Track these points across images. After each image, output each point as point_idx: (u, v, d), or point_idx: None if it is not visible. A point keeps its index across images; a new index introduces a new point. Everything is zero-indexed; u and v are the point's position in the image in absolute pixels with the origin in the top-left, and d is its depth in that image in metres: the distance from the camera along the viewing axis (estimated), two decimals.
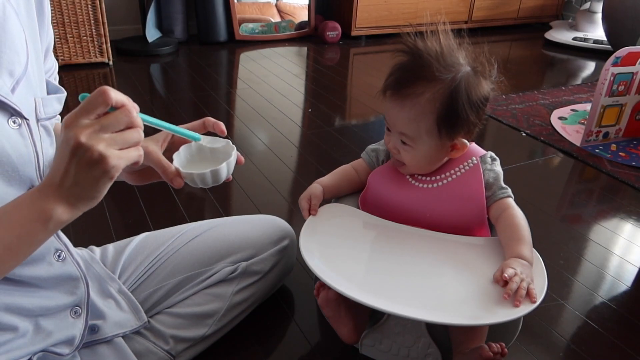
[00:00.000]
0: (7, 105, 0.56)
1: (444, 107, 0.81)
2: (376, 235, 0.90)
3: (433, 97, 0.81)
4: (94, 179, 0.51)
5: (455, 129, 0.84)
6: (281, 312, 1.04)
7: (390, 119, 0.87)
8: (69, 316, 0.71)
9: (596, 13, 3.25)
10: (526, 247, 0.82)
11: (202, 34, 2.97)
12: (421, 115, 0.82)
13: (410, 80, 0.83)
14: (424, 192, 0.90)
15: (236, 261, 0.92)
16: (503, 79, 0.87)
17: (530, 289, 0.75)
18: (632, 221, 1.43)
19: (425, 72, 0.82)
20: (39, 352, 0.67)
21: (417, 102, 0.82)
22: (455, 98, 0.81)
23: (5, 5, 0.57)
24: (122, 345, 0.78)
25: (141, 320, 0.82)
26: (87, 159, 0.50)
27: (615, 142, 1.89)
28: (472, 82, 0.83)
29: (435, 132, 0.83)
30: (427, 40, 0.84)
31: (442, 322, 0.72)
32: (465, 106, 0.82)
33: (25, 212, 0.52)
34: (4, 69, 0.56)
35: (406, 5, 3.24)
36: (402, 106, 0.83)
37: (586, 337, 1.02)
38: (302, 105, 2.21)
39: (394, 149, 0.88)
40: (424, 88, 0.81)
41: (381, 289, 0.77)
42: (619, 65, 1.72)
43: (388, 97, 0.86)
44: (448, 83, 0.81)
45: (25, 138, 0.59)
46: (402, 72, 0.85)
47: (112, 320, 0.78)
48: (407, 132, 0.85)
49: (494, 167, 0.90)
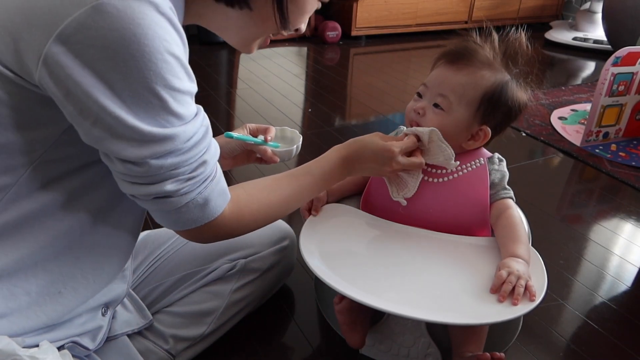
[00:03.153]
0: None
1: (494, 89, 0.86)
2: (376, 235, 0.90)
3: (489, 77, 0.86)
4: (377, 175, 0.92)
5: (492, 114, 0.87)
6: (281, 312, 1.04)
7: (436, 80, 0.88)
8: (100, 312, 0.73)
9: (596, 13, 3.25)
10: (522, 247, 0.82)
11: (202, 34, 2.97)
12: (472, 84, 0.85)
13: (471, 55, 0.87)
14: (430, 185, 0.89)
15: (235, 259, 0.93)
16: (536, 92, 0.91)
17: (528, 286, 0.74)
18: (632, 221, 1.43)
19: (486, 58, 0.87)
20: (71, 340, 0.68)
21: (474, 73, 0.86)
22: (506, 88, 0.87)
23: None
24: (127, 344, 0.79)
25: (146, 319, 0.83)
26: (386, 168, 0.82)
27: (615, 142, 1.89)
28: (519, 91, 0.89)
29: (474, 106, 0.86)
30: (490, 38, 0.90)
31: (442, 321, 0.72)
32: (510, 100, 0.87)
33: (336, 177, 0.82)
34: None
35: (406, 5, 3.24)
36: (457, 70, 0.86)
37: (586, 337, 1.02)
38: (302, 105, 2.21)
39: (420, 110, 0.88)
40: (483, 65, 0.86)
41: (381, 289, 0.77)
42: (619, 65, 1.72)
43: (440, 66, 0.89)
44: (503, 76, 0.87)
45: None
46: (464, 49, 0.88)
47: (121, 319, 0.79)
48: (450, 94, 0.86)
49: (501, 168, 0.92)
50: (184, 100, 0.56)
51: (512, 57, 0.88)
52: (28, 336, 0.60)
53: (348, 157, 0.81)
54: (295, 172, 0.78)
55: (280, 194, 0.75)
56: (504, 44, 0.89)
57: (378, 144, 0.81)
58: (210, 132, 0.62)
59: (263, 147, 0.87)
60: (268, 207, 0.74)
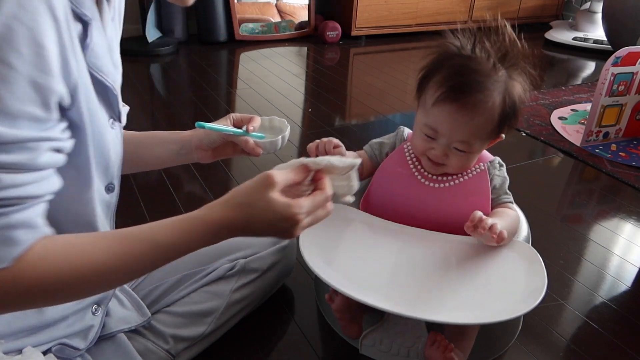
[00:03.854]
0: (115, 104, 0.63)
1: (503, 106, 0.82)
2: (376, 234, 0.90)
3: (498, 99, 0.81)
4: None
5: (508, 125, 0.85)
6: (281, 312, 1.04)
7: (450, 130, 0.82)
8: (90, 311, 0.72)
9: (596, 13, 3.25)
10: (503, 222, 0.81)
11: (202, 34, 2.97)
12: (490, 119, 0.81)
13: (473, 87, 0.79)
14: (432, 190, 0.89)
15: (235, 259, 0.93)
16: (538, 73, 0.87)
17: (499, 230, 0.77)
18: (632, 221, 1.43)
19: (486, 73, 0.80)
20: (58, 343, 0.67)
21: (487, 109, 0.80)
22: (513, 92, 0.82)
23: (115, 19, 0.64)
24: (125, 342, 0.78)
25: (145, 316, 0.82)
26: (287, 236, 0.61)
27: (615, 142, 1.89)
28: (519, 78, 0.84)
29: (496, 130, 0.84)
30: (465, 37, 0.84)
31: (442, 321, 0.72)
32: (517, 102, 0.83)
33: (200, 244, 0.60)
34: (118, 69, 0.64)
35: (406, 5, 3.24)
36: (471, 116, 0.80)
37: (586, 337, 1.02)
38: (302, 105, 2.21)
39: (443, 156, 0.85)
40: (490, 92, 0.80)
41: (381, 289, 0.77)
42: (619, 65, 1.72)
43: (446, 108, 0.80)
44: (505, 79, 0.82)
45: (118, 139, 0.67)
46: (461, 78, 0.80)
47: (116, 316, 0.78)
48: (470, 139, 0.82)
49: (502, 173, 0.92)
50: None
51: (504, 55, 0.83)
52: (9, 340, 0.59)
53: (233, 224, 0.59)
54: (131, 233, 0.57)
55: (92, 259, 0.53)
56: (495, 45, 0.83)
57: (277, 210, 0.58)
58: None
59: (244, 138, 0.81)
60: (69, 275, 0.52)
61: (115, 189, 0.68)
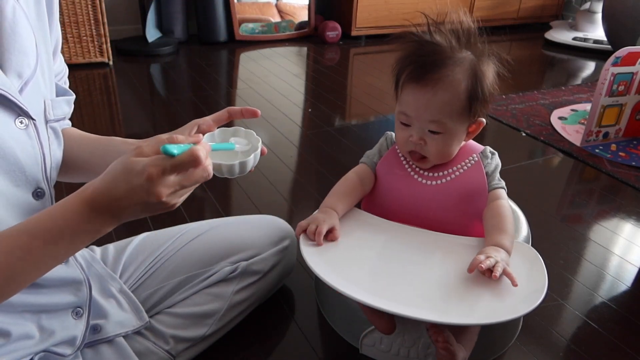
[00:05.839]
0: (14, 105, 0.57)
1: (472, 82, 0.82)
2: (377, 235, 0.90)
3: (463, 76, 0.82)
4: (154, 213, 0.57)
5: (481, 105, 0.85)
6: (281, 312, 1.04)
7: (417, 110, 0.83)
8: (70, 316, 0.71)
9: (596, 13, 3.25)
10: (506, 237, 0.81)
11: (202, 34, 2.97)
12: (456, 95, 0.82)
13: (435, 64, 0.81)
14: (428, 188, 0.89)
15: (236, 261, 0.93)
16: (505, 71, 0.88)
17: (507, 272, 0.75)
18: (632, 221, 1.43)
19: (447, 53, 0.82)
20: (41, 352, 0.67)
21: (450, 84, 0.81)
22: (480, 72, 0.83)
23: (15, 7, 0.58)
24: (123, 345, 0.78)
25: (142, 320, 0.82)
26: (159, 209, 0.55)
27: (615, 142, 1.89)
28: (488, 60, 0.85)
29: (467, 110, 0.84)
30: (434, 30, 0.85)
31: (442, 322, 0.72)
32: (487, 81, 0.84)
33: (79, 229, 0.54)
34: (13, 70, 0.57)
35: (406, 5, 3.24)
36: (434, 92, 0.81)
37: (586, 337, 1.02)
38: (302, 105, 2.21)
39: (419, 142, 0.85)
40: (452, 68, 0.81)
41: (382, 289, 0.77)
42: (619, 65, 1.72)
43: (411, 88, 0.83)
44: (470, 59, 0.83)
45: (32, 139, 0.60)
46: (422, 57, 0.83)
47: (114, 320, 0.78)
48: (441, 117, 0.83)
49: (494, 160, 0.92)
50: None
51: (467, 36, 0.85)
52: None
53: (96, 199, 0.54)
54: (7, 230, 0.53)
55: None
56: (451, 26, 0.85)
57: (132, 167, 0.53)
58: None
59: None
60: None
61: (46, 193, 0.62)
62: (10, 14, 0.57)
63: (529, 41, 3.44)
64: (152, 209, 0.55)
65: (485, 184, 0.89)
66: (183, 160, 0.53)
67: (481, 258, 0.76)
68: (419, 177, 0.91)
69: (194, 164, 0.53)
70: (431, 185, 0.89)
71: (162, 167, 0.52)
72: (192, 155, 0.53)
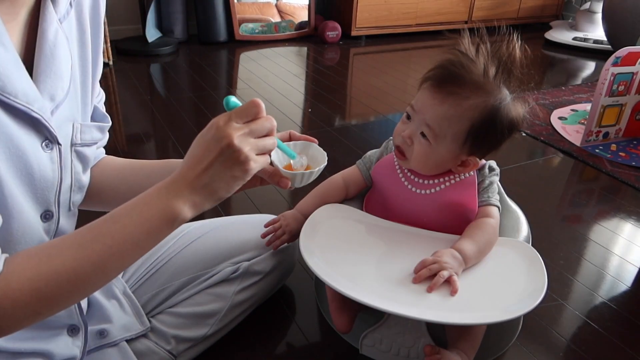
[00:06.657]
0: (44, 127, 0.56)
1: (482, 120, 0.80)
2: (376, 234, 0.90)
3: (476, 106, 0.79)
4: (232, 178, 0.56)
5: (480, 146, 0.83)
6: (281, 312, 1.04)
7: (423, 107, 0.83)
8: (65, 335, 0.70)
9: (596, 13, 3.25)
10: (471, 246, 0.80)
11: (202, 34, 2.97)
12: (458, 118, 0.80)
13: (458, 79, 0.79)
14: (418, 197, 0.89)
15: (238, 262, 0.93)
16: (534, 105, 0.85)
17: (452, 280, 0.75)
18: (632, 221, 1.43)
19: (477, 79, 0.79)
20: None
21: (459, 104, 0.79)
22: (495, 116, 0.80)
23: (58, 30, 0.58)
24: (126, 349, 0.78)
25: (144, 325, 0.83)
26: (234, 159, 0.55)
27: (615, 142, 1.89)
28: (514, 108, 0.82)
29: (461, 140, 0.82)
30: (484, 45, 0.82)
31: (442, 321, 0.72)
32: (500, 128, 0.81)
33: (154, 210, 0.54)
34: (47, 93, 0.56)
35: (406, 5, 3.24)
36: (442, 101, 0.80)
37: (586, 337, 1.02)
38: (302, 105, 2.21)
39: (408, 139, 0.85)
40: (470, 93, 0.79)
41: (382, 289, 0.77)
42: (619, 65, 1.72)
43: (427, 87, 0.83)
44: (494, 99, 0.80)
45: (54, 163, 0.59)
46: (453, 67, 0.81)
47: (119, 324, 0.78)
48: (435, 127, 0.81)
49: (491, 177, 0.90)
50: None
51: (508, 70, 0.81)
52: None
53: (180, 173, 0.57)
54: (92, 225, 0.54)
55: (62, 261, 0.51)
56: (496, 56, 0.81)
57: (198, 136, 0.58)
58: None
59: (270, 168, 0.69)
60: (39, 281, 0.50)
61: (54, 216, 0.61)
62: (52, 37, 0.56)
63: (529, 41, 3.42)
64: (229, 162, 0.55)
65: (474, 199, 0.88)
66: (246, 106, 0.57)
67: (428, 261, 0.77)
68: (410, 185, 0.90)
69: (255, 110, 0.57)
70: (421, 194, 0.89)
71: (228, 115, 0.57)
72: (253, 102, 0.57)
